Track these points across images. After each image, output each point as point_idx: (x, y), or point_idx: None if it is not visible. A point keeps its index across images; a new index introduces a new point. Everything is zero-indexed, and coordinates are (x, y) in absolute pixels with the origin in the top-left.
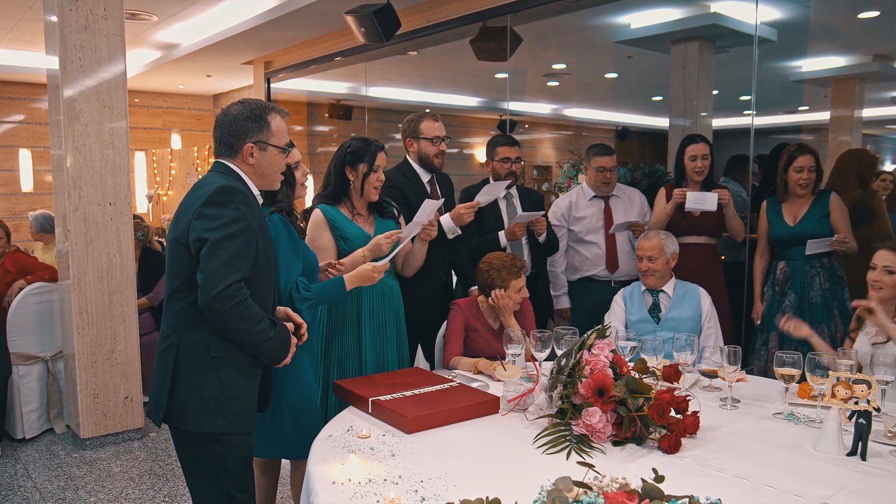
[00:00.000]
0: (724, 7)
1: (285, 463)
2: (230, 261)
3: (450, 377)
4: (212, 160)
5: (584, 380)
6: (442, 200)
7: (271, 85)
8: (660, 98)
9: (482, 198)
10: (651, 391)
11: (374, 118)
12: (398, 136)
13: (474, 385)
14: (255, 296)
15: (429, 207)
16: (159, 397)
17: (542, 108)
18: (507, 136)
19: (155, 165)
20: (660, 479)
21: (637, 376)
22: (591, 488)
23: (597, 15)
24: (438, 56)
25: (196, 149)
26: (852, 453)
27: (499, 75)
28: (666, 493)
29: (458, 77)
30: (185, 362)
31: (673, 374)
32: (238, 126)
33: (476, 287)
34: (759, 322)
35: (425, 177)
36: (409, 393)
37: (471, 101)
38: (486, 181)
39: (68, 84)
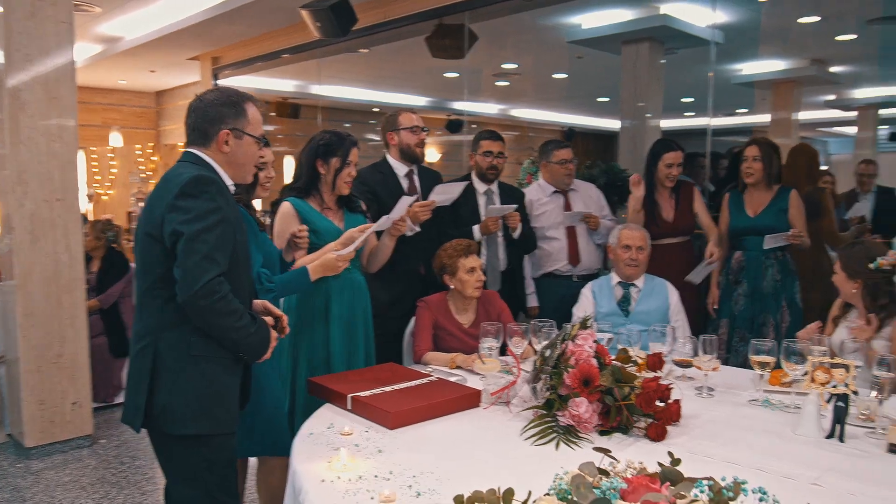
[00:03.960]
0: (673, 9)
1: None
2: (209, 254)
3: (427, 372)
4: (154, 158)
5: (569, 370)
6: (415, 197)
7: (219, 82)
8: (607, 99)
9: (436, 197)
10: (636, 380)
11: (325, 117)
12: None
13: (452, 380)
14: (233, 290)
15: (403, 204)
16: (137, 400)
17: (491, 108)
18: (491, 131)
19: (95, 164)
20: (676, 462)
21: (620, 366)
22: (608, 474)
23: (550, 14)
24: (389, 54)
25: (139, 147)
26: (831, 436)
27: (448, 74)
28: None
29: (408, 76)
30: (165, 363)
31: (657, 362)
32: (214, 112)
33: None
34: (716, 306)
35: (402, 170)
36: (388, 388)
37: (419, 101)
38: (467, 176)
39: (12, 73)
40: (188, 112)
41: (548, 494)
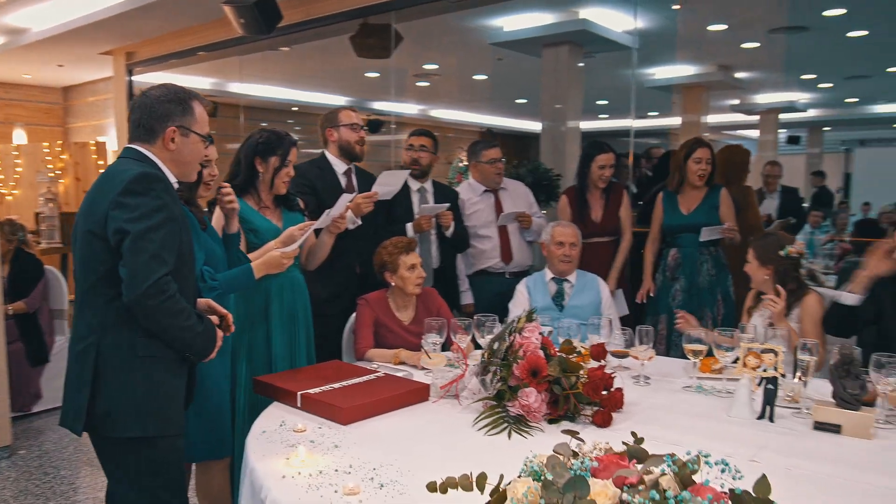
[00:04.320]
0: (592, 14)
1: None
2: (156, 254)
3: (373, 368)
4: (64, 157)
5: (519, 362)
6: (354, 194)
7: (133, 78)
8: (524, 101)
9: (380, 188)
10: (581, 369)
11: (246, 116)
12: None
13: (398, 375)
14: (179, 289)
15: (342, 201)
16: (78, 403)
17: (410, 109)
18: (422, 128)
19: None
20: (639, 441)
21: (565, 356)
22: (577, 454)
23: (473, 17)
24: (309, 53)
25: (46, 145)
26: (762, 417)
27: (369, 74)
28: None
29: (329, 75)
30: (109, 364)
31: (600, 352)
32: (162, 108)
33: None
34: (649, 297)
35: (341, 168)
36: (336, 385)
37: (339, 100)
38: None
39: None
40: (132, 108)
41: (520, 476)
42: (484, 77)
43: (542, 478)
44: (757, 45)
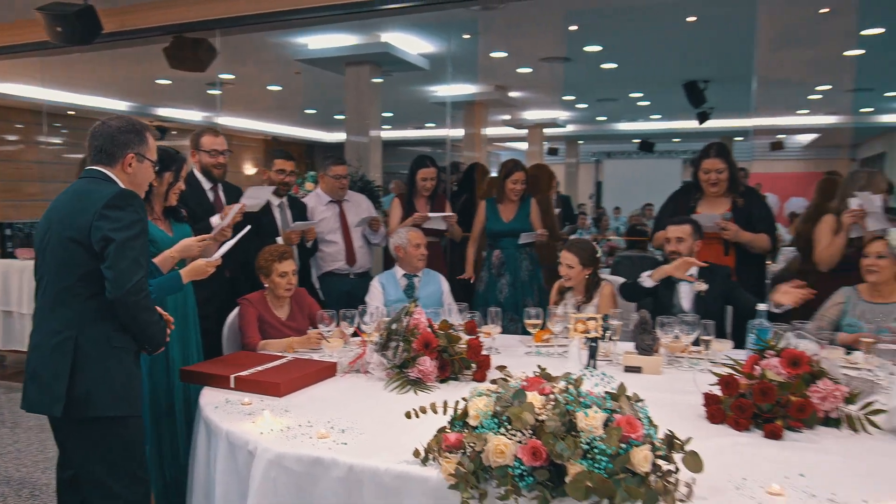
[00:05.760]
0: (391, 38)
1: None
2: (137, 259)
3: (279, 354)
4: None
5: (417, 337)
6: (241, 205)
7: None
8: (314, 111)
9: (247, 201)
10: (461, 340)
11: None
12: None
13: (304, 358)
14: None
15: (233, 211)
16: (56, 389)
17: (195, 116)
18: (283, 150)
19: None
20: (543, 369)
21: (449, 331)
22: (508, 381)
23: (281, 33)
24: (96, 57)
25: None
26: (587, 367)
27: (160, 81)
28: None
29: (114, 80)
30: (87, 354)
31: (472, 327)
32: (122, 137)
33: None
34: (477, 291)
35: (207, 185)
36: (261, 368)
37: (121, 105)
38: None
39: None
40: (93, 135)
41: (471, 398)
42: (278, 88)
43: (493, 394)
44: (530, 70)
